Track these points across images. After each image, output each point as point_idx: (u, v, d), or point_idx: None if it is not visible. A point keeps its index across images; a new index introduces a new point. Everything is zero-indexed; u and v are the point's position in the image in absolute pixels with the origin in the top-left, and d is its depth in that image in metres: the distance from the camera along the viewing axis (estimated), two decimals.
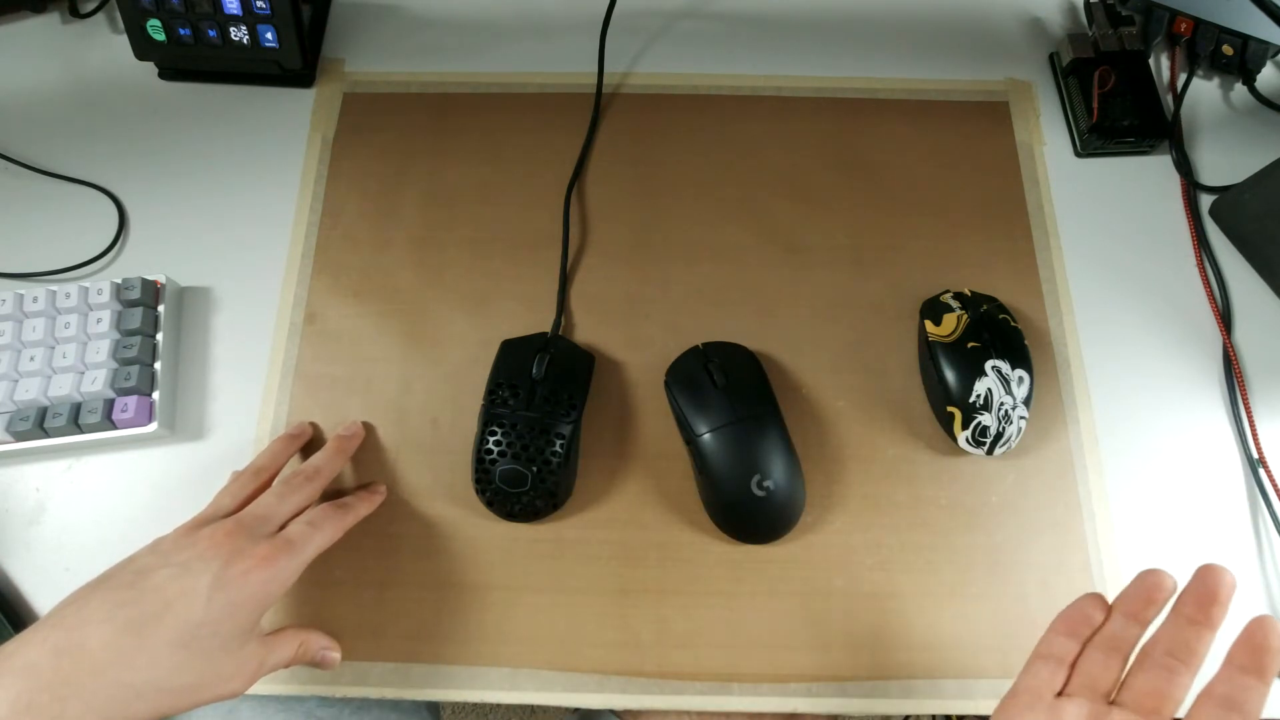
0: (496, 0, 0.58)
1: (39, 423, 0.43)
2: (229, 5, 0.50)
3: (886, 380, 0.47)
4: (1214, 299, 0.49)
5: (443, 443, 0.45)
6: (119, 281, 0.46)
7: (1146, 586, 0.32)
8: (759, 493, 0.41)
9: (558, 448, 0.42)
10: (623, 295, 0.49)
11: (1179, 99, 0.54)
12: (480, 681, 0.41)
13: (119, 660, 0.32)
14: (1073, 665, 0.32)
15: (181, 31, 0.51)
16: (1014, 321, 0.45)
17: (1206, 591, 0.30)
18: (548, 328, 0.47)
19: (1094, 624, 0.33)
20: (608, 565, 0.43)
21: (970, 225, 0.50)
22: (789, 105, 0.54)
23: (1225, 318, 0.48)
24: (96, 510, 0.44)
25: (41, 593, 0.43)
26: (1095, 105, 0.51)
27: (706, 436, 0.42)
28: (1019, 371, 0.43)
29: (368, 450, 0.45)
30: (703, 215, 0.51)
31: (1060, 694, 0.31)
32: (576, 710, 0.53)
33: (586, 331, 0.48)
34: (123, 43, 0.53)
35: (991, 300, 0.46)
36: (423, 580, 0.43)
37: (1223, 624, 0.30)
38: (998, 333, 0.44)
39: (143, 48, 0.52)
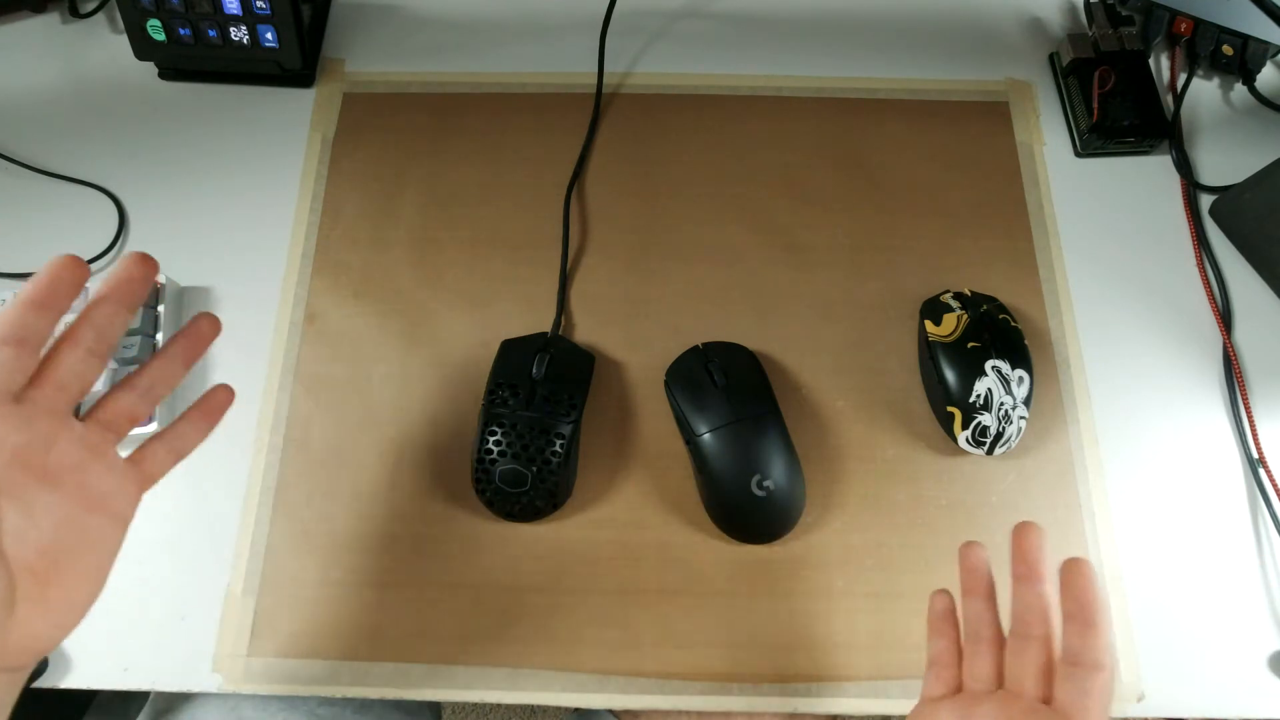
0: (496, 0, 0.58)
1: None
2: (229, 5, 0.50)
3: (886, 380, 0.47)
4: (1214, 299, 0.49)
5: (443, 443, 0.45)
6: None
7: (967, 565, 0.35)
8: (759, 493, 0.41)
9: (558, 448, 0.42)
10: (623, 295, 0.49)
11: (1179, 99, 0.54)
12: (480, 681, 0.41)
13: None
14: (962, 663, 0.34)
15: (181, 31, 0.51)
16: (1014, 321, 0.45)
17: (1019, 547, 0.33)
18: (548, 328, 0.47)
19: (956, 615, 0.35)
20: (608, 565, 0.43)
21: (970, 225, 0.50)
22: (789, 105, 0.54)
23: (1225, 318, 0.48)
24: None
25: None
26: (1095, 105, 0.51)
27: (706, 436, 0.42)
28: (1019, 371, 0.43)
29: (368, 451, 0.45)
30: (703, 215, 0.51)
31: (953, 693, 0.33)
32: (576, 710, 0.53)
33: (586, 331, 0.48)
34: (123, 43, 0.53)
35: (991, 300, 0.46)
36: (423, 580, 0.43)
37: (1048, 571, 0.32)
38: (998, 333, 0.44)
39: (143, 48, 0.52)
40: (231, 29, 0.51)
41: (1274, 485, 0.44)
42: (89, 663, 0.41)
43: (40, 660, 0.28)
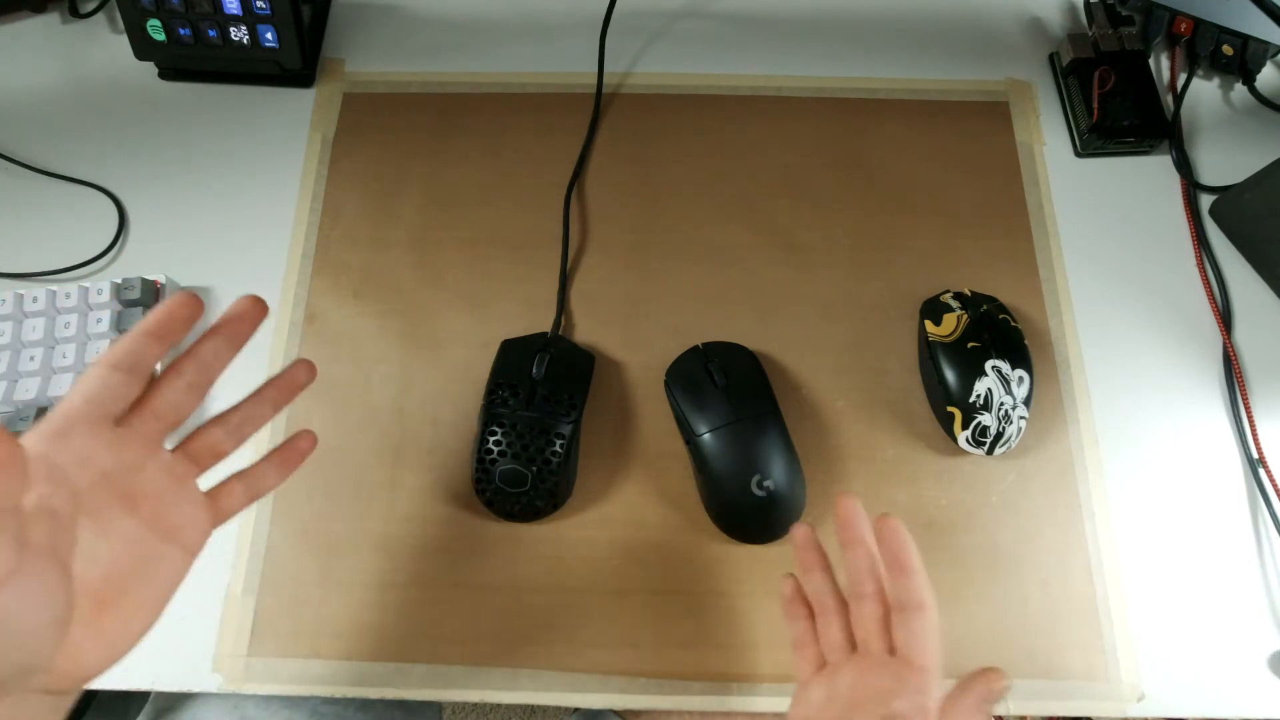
0: (496, 0, 0.58)
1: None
2: (229, 5, 0.50)
3: (886, 380, 0.47)
4: (1214, 299, 0.49)
5: (443, 443, 0.45)
6: (119, 281, 0.46)
7: (799, 545, 0.37)
8: (759, 493, 0.41)
9: (558, 448, 0.42)
10: (623, 295, 0.49)
11: (1179, 99, 0.54)
12: (480, 681, 0.41)
13: None
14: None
15: (181, 31, 0.51)
16: (1014, 321, 0.45)
17: (839, 519, 0.35)
18: (548, 328, 0.47)
19: (803, 595, 0.37)
20: (608, 565, 0.43)
21: (970, 225, 0.50)
22: (789, 105, 0.54)
23: (1225, 318, 0.48)
24: None
25: None
26: (1095, 105, 0.51)
27: (706, 436, 0.42)
28: (1019, 371, 0.43)
29: (368, 451, 0.45)
30: (703, 215, 0.51)
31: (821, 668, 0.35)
32: (577, 710, 0.53)
33: (586, 331, 0.48)
34: (123, 43, 0.53)
35: (991, 300, 0.46)
36: (423, 580, 0.43)
37: (868, 535, 0.34)
38: (998, 333, 0.44)
39: (143, 48, 0.52)
40: (231, 29, 0.51)
41: (1274, 485, 0.44)
42: None
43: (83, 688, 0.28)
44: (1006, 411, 0.43)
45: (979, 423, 0.43)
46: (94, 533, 0.27)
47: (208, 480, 0.31)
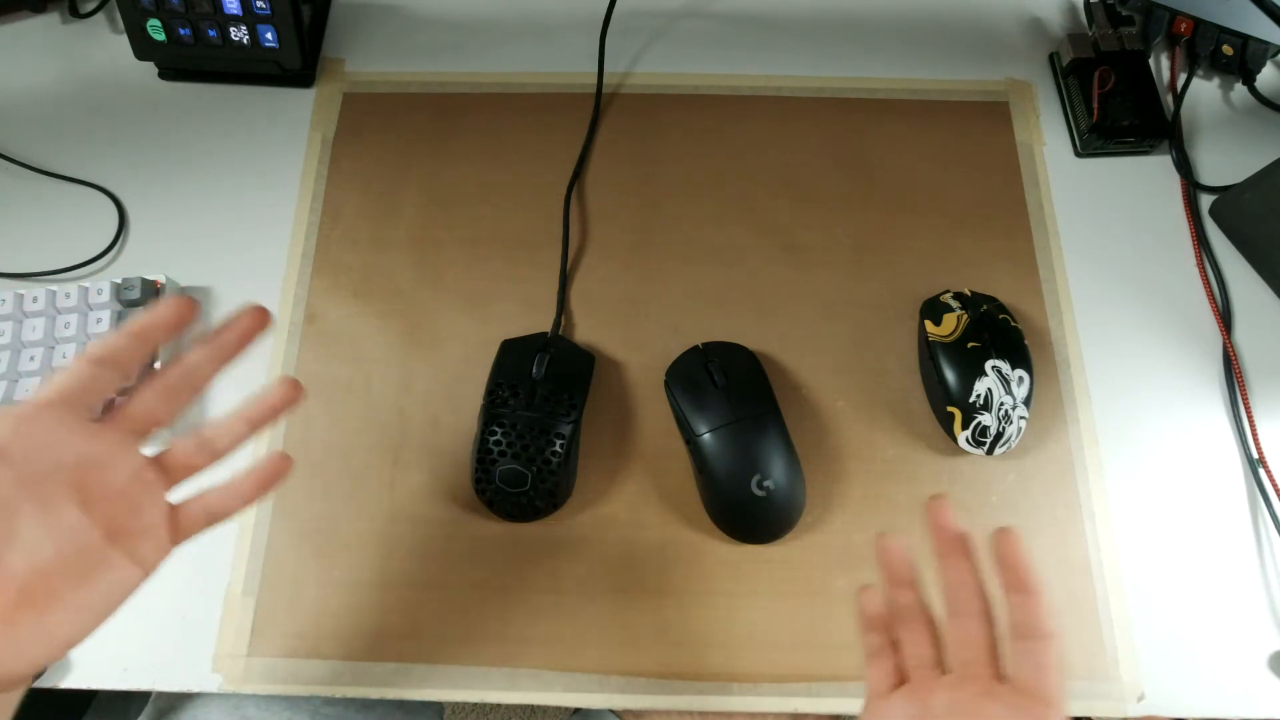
0: (496, 0, 0.58)
1: None
2: (229, 5, 0.50)
3: (886, 380, 0.47)
4: (1214, 299, 0.49)
5: (443, 443, 0.45)
6: (119, 281, 0.46)
7: (886, 559, 0.34)
8: (759, 493, 0.41)
9: (558, 448, 0.42)
10: (623, 295, 0.49)
11: (1179, 99, 0.54)
12: (480, 681, 0.41)
13: None
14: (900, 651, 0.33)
15: (181, 31, 0.51)
16: (1014, 321, 0.45)
17: (936, 523, 0.32)
18: (548, 328, 0.47)
19: (886, 608, 0.34)
20: (608, 565, 0.43)
21: (970, 225, 0.50)
22: (789, 105, 0.54)
23: (1225, 318, 0.48)
24: None
25: None
26: (1095, 105, 0.51)
27: (706, 436, 0.42)
28: (1019, 371, 0.43)
29: (368, 451, 0.45)
30: (703, 215, 0.51)
31: (901, 683, 0.32)
32: (576, 710, 0.53)
33: (586, 331, 0.48)
34: (123, 43, 0.53)
35: (991, 300, 0.46)
36: (423, 580, 0.43)
37: (971, 546, 0.32)
38: (998, 333, 0.44)
39: (143, 48, 0.52)
40: (231, 29, 0.51)
41: (1274, 485, 0.44)
42: (89, 663, 0.41)
43: None
44: (1006, 411, 0.43)
45: (979, 423, 0.43)
46: (39, 523, 0.25)
47: (176, 495, 0.30)
